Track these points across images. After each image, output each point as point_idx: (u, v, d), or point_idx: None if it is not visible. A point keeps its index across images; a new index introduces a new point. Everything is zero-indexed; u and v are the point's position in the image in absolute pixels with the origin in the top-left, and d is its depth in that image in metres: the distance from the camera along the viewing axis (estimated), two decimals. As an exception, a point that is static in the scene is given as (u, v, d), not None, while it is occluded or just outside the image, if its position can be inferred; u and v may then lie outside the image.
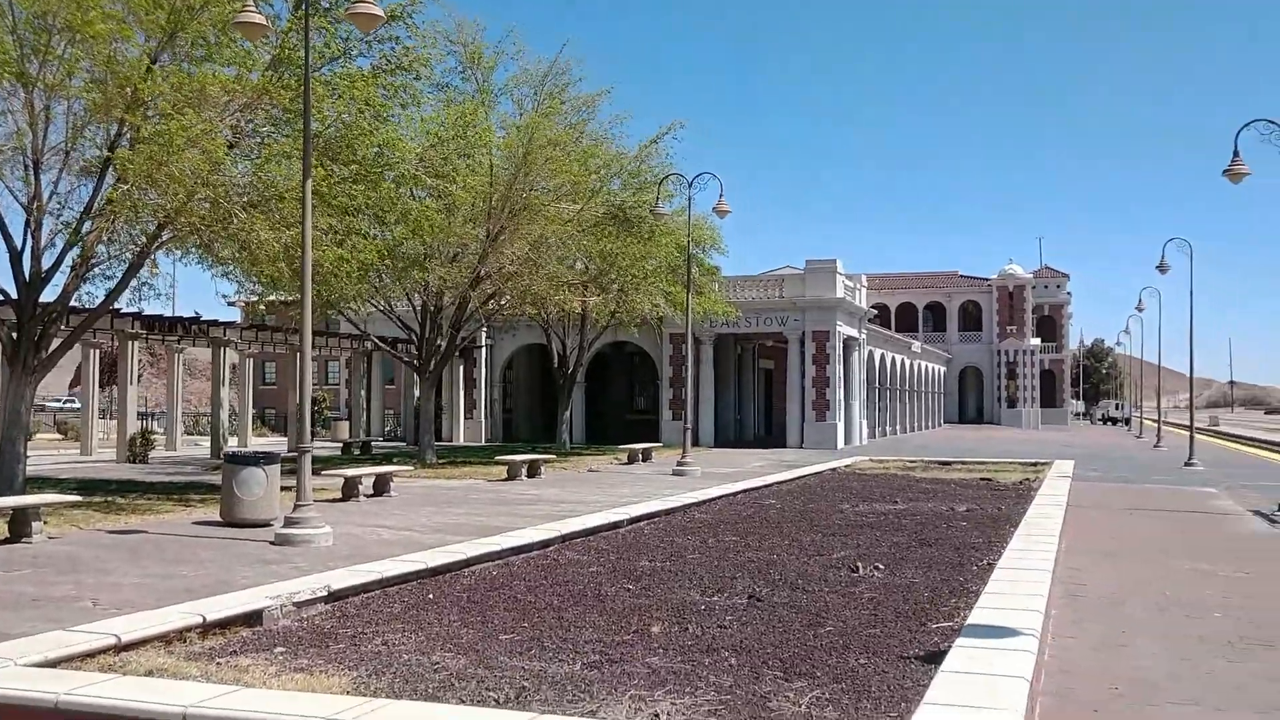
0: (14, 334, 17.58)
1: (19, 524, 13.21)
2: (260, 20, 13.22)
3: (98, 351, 37.32)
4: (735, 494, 18.63)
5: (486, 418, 47.93)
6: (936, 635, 7.52)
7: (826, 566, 10.92)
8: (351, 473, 19.58)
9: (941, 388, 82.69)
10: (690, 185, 28.10)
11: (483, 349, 47.17)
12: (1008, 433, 70.36)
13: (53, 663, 6.18)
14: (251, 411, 59.41)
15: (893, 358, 60.45)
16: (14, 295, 17.39)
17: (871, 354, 53.65)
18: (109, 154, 16.33)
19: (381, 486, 20.24)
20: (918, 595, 9.23)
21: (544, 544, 11.80)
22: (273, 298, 29.13)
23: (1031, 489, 19.89)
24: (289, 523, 13.61)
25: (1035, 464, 27.22)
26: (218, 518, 15.70)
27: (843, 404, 44.72)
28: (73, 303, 18.50)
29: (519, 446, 39.48)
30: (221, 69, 16.60)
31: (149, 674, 6.23)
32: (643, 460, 32.09)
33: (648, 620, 8.14)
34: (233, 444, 39.39)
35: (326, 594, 8.33)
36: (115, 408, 38.95)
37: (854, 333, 47.17)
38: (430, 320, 29.86)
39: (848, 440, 45.34)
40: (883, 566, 10.86)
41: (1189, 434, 38.88)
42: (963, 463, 28.49)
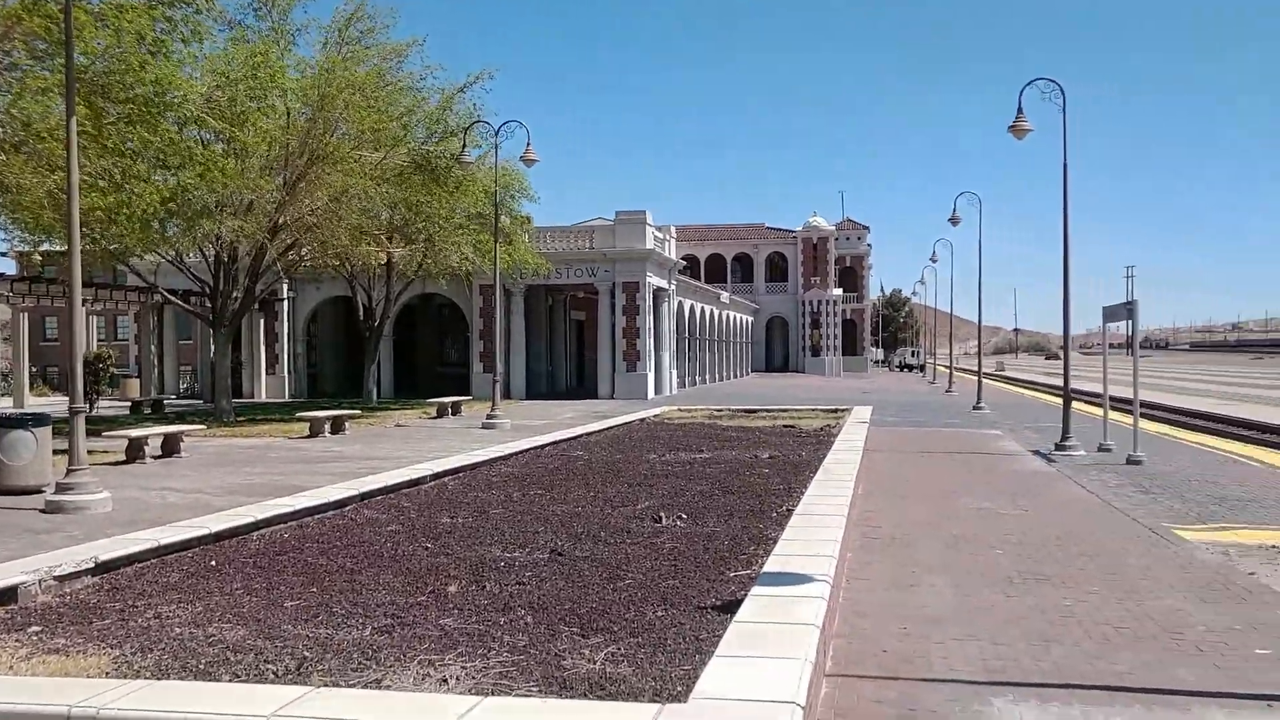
0: None
1: None
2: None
3: None
4: (543, 446, 18.48)
5: (290, 373, 46.26)
6: (734, 584, 7.56)
7: (630, 518, 10.89)
8: (136, 433, 18.46)
9: (750, 337, 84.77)
10: (496, 134, 27.52)
11: (285, 301, 45.39)
12: (811, 380, 72.84)
13: None
14: (30, 369, 55.68)
15: (702, 308, 61.43)
16: None
17: (681, 305, 54.34)
18: None
19: (171, 447, 19.19)
20: (718, 544, 9.29)
21: (341, 503, 11.36)
22: (47, 247, 27.17)
23: (832, 434, 20.51)
24: (61, 489, 12.73)
25: (836, 410, 28.14)
26: (-20, 486, 14.53)
27: (653, 354, 45.17)
28: None
29: (324, 402, 38.26)
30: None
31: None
32: (452, 414, 31.58)
33: (445, 580, 7.90)
34: (4, 405, 36.68)
35: (94, 565, 7.73)
36: None
37: (664, 284, 47.62)
38: (225, 272, 28.38)
39: (658, 390, 45.89)
40: (686, 516, 10.91)
41: (977, 380, 41.07)
42: (767, 410, 29.19)
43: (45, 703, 4.63)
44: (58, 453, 19.63)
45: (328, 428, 24.43)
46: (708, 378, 63.15)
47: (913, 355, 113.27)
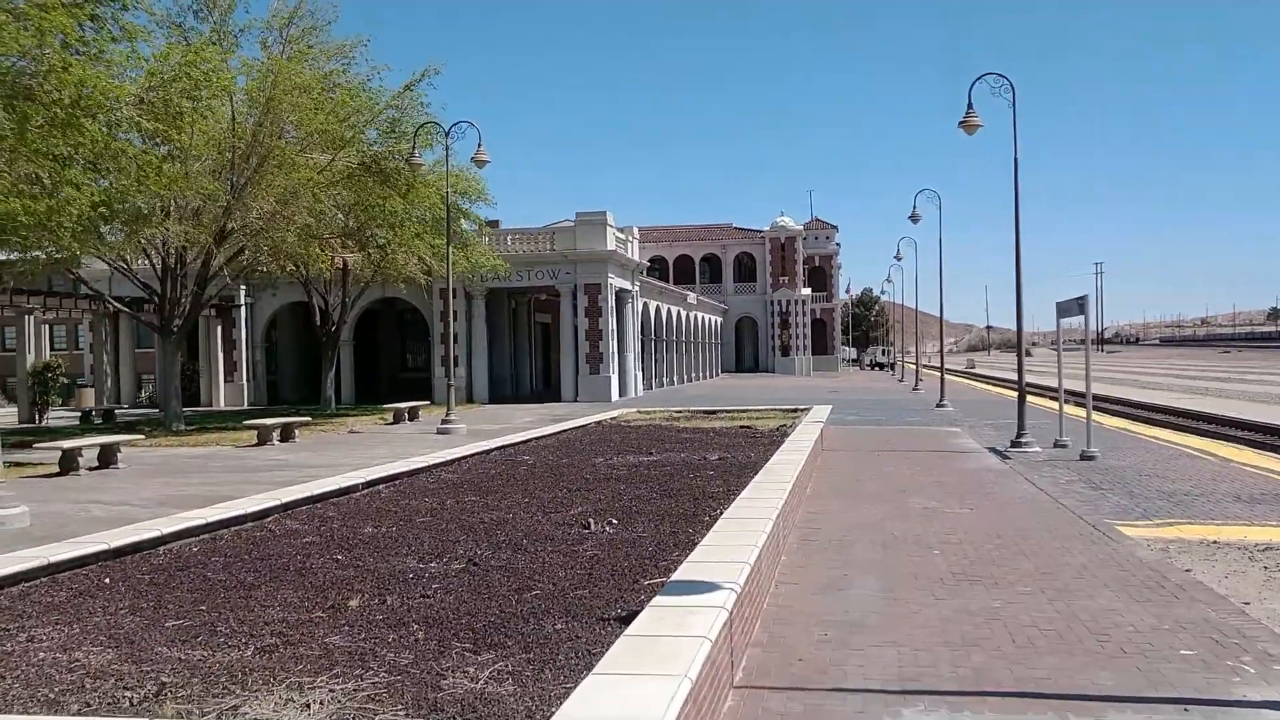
0: None
1: None
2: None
3: None
4: (489, 451, 18.14)
5: (249, 380, 45.67)
6: (646, 593, 7.27)
7: (560, 524, 10.59)
8: (69, 444, 17.99)
9: (718, 338, 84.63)
10: (447, 134, 27.16)
11: (242, 308, 44.79)
12: (781, 380, 72.73)
13: None
14: (-16, 381, 54.63)
15: (668, 309, 61.20)
16: None
17: (646, 306, 54.09)
18: None
19: (108, 458, 18.73)
20: (641, 550, 9.01)
21: (261, 514, 10.98)
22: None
23: (786, 435, 20.27)
24: (-27, 504, 12.26)
25: (795, 410, 27.92)
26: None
27: (616, 356, 44.90)
28: None
29: (282, 410, 37.76)
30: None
31: None
32: (409, 419, 31.19)
33: (348, 594, 7.57)
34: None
35: (-25, 586, 7.36)
36: None
37: (627, 285, 47.34)
38: (172, 278, 27.84)
39: (623, 392, 45.61)
40: (616, 521, 10.62)
41: (940, 377, 41.02)
42: (727, 411, 28.94)
43: None
44: (-9, 466, 19.18)
45: (276, 436, 23.99)
46: (675, 379, 62.92)
47: (883, 354, 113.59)
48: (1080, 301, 20.27)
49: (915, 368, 58.37)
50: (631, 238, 48.77)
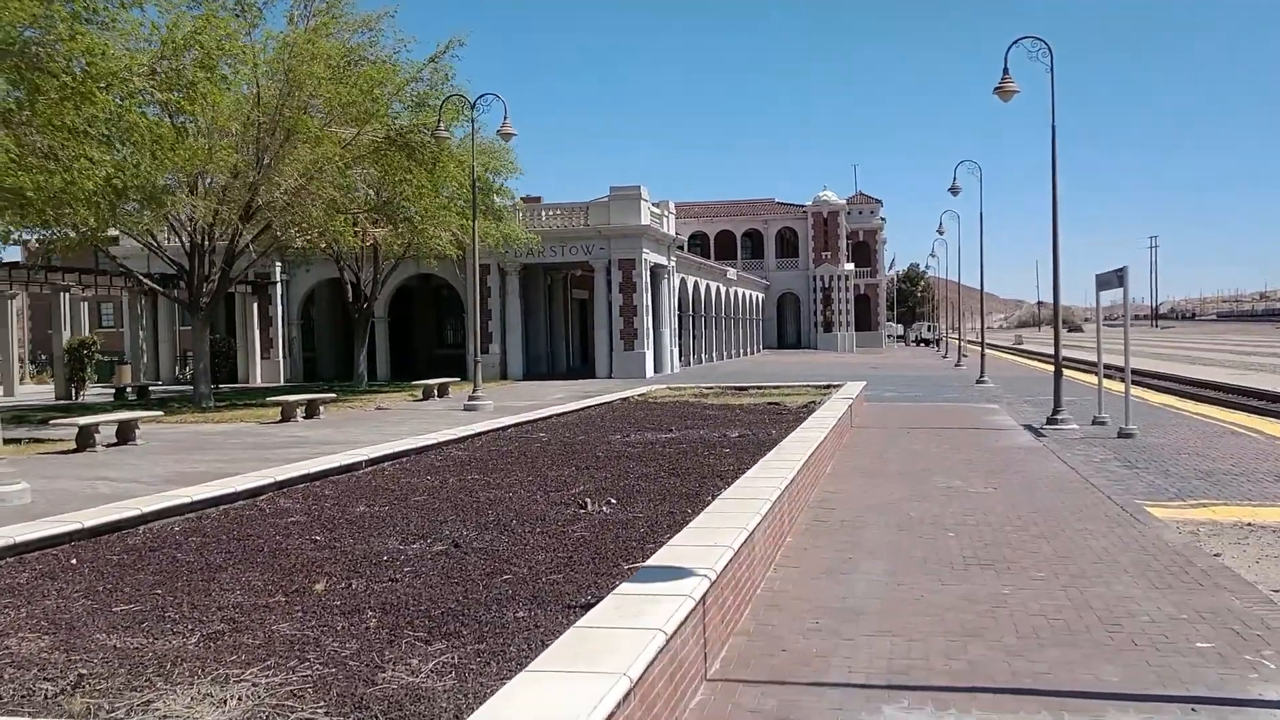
0: None
1: None
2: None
3: None
4: (506, 428, 17.82)
5: (285, 357, 45.78)
6: (623, 578, 6.87)
7: (557, 504, 10.23)
8: (86, 420, 17.91)
9: (760, 314, 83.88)
10: (473, 107, 26.77)
11: (278, 285, 44.84)
12: (822, 356, 71.88)
13: None
14: (41, 357, 55.59)
15: (707, 285, 60.58)
16: None
17: (684, 281, 53.54)
18: None
19: (126, 435, 18.65)
20: (633, 532, 8.62)
21: (254, 492, 10.72)
22: (37, 235, 26.46)
23: (814, 412, 19.77)
24: (-27, 481, 12.13)
25: (827, 386, 27.35)
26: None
27: (651, 332, 44.44)
28: None
29: (316, 386, 37.79)
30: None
31: None
32: (438, 396, 31.02)
33: (316, 577, 7.26)
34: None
35: (-66, 567, 7.13)
36: None
37: (662, 260, 46.81)
38: (200, 255, 27.78)
39: (658, 368, 45.17)
40: (615, 501, 10.23)
41: (980, 352, 40.20)
42: (758, 388, 28.43)
43: None
44: (9, 441, 19.21)
45: (300, 413, 23.87)
46: (714, 355, 62.36)
47: (929, 330, 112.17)
48: (1119, 274, 19.53)
49: (958, 343, 57.32)
50: (667, 212, 48.13)
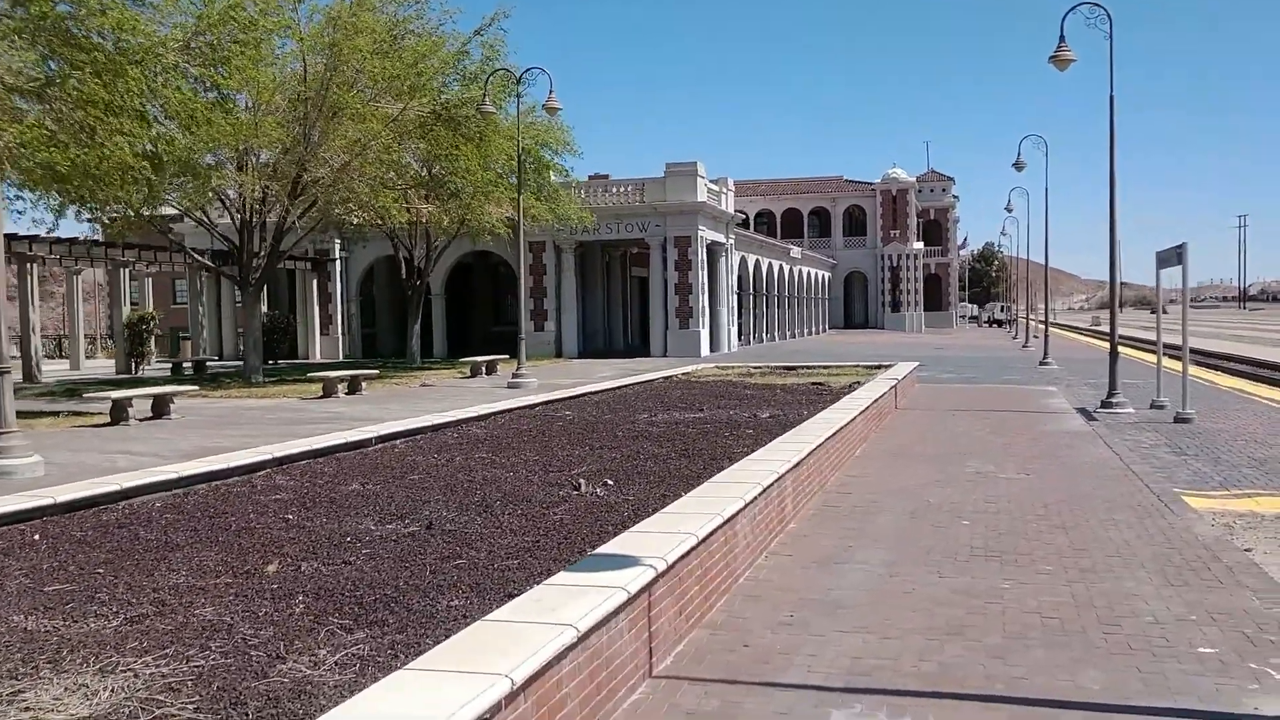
0: None
1: None
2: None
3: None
4: (534, 405, 17.55)
5: (344, 334, 46.09)
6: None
7: (552, 485, 9.89)
8: (119, 394, 18.01)
9: (826, 293, 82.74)
10: (519, 81, 26.45)
11: (337, 261, 45.12)
12: (887, 337, 70.62)
13: None
14: (96, 330, 56.68)
15: (769, 263, 59.77)
16: None
17: (744, 260, 52.84)
18: None
19: (160, 409, 18.73)
20: (616, 515, 8.25)
21: (250, 468, 10.55)
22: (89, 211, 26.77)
23: (854, 393, 19.18)
24: (-12, 453, 12.16)
25: (877, 367, 26.67)
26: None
27: (707, 311, 43.87)
28: None
29: (372, 363, 37.95)
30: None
31: None
32: (486, 373, 30.92)
33: (273, 558, 7.00)
34: (60, 368, 37.15)
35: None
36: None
37: (720, 238, 46.17)
38: (248, 231, 27.92)
39: (714, 348, 44.64)
40: (611, 483, 9.87)
41: (1044, 332, 39.07)
42: (807, 368, 27.84)
43: None
44: (45, 414, 19.44)
45: (343, 388, 23.87)
46: (775, 335, 61.59)
47: (1002, 310, 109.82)
48: (1179, 250, 18.59)
49: (1025, 323, 55.89)
50: (725, 189, 47.37)
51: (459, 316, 47.69)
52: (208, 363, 35.06)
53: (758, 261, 56.50)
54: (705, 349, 42.75)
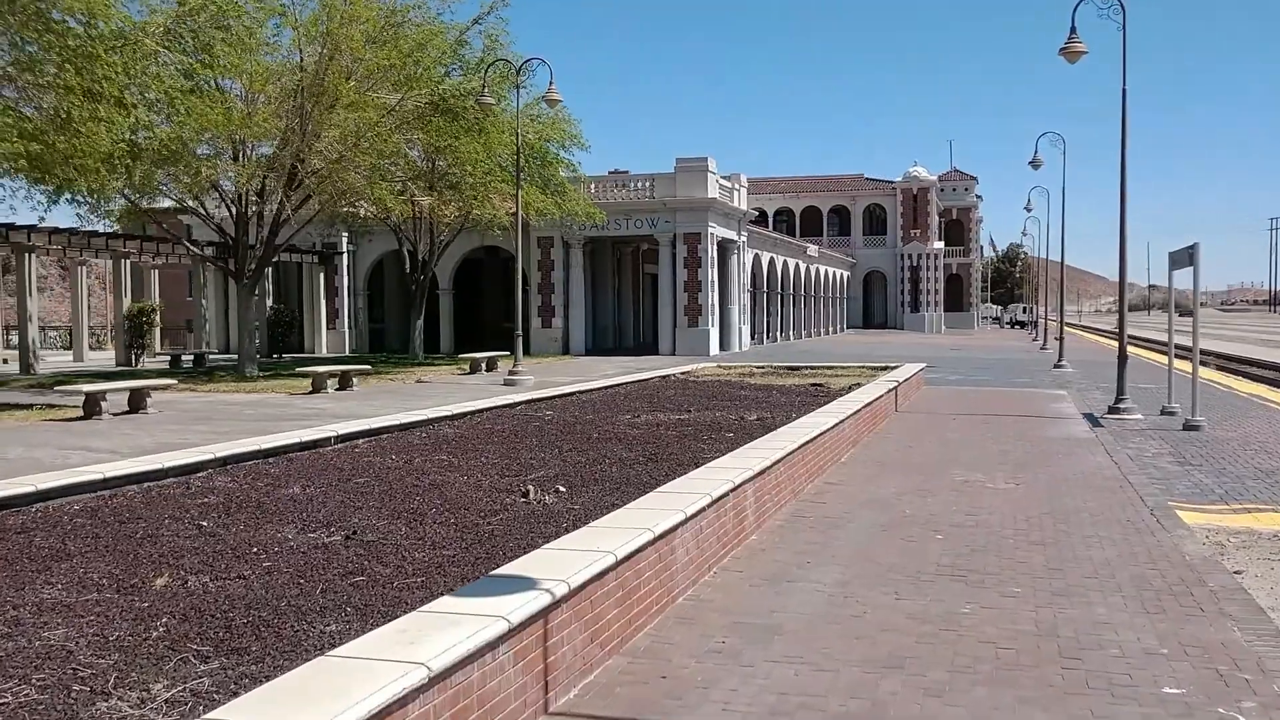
0: None
1: None
2: None
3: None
4: (516, 404, 17.02)
5: (350, 328, 45.73)
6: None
7: (500, 491, 9.34)
8: (92, 388, 17.58)
9: (844, 292, 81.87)
10: (518, 73, 25.92)
11: (343, 255, 44.75)
12: (904, 337, 69.70)
13: None
14: (102, 322, 56.49)
15: (785, 261, 59.01)
16: None
17: (758, 258, 52.15)
18: None
19: (137, 403, 18.31)
20: (553, 526, 7.69)
21: (189, 469, 10.04)
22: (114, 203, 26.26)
23: (852, 395, 18.56)
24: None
25: (884, 368, 26.00)
26: None
27: (718, 309, 43.24)
28: None
29: (377, 358, 37.59)
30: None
31: None
32: (485, 369, 30.42)
33: (166, 570, 6.48)
34: (64, 359, 36.93)
35: None
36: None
37: (732, 235, 45.49)
38: (243, 224, 27.51)
39: (724, 346, 43.99)
40: (564, 489, 9.31)
41: (1060, 334, 38.27)
42: (811, 368, 27.19)
43: None
44: (16, 407, 19.06)
45: (333, 384, 23.41)
46: (790, 334, 60.84)
47: (1024, 311, 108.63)
48: (1190, 251, 17.85)
49: (1043, 325, 54.95)
50: (738, 185, 46.63)
51: (470, 312, 47.24)
52: (208, 356, 34.72)
53: (772, 259, 55.77)
54: (715, 348, 42.10)
